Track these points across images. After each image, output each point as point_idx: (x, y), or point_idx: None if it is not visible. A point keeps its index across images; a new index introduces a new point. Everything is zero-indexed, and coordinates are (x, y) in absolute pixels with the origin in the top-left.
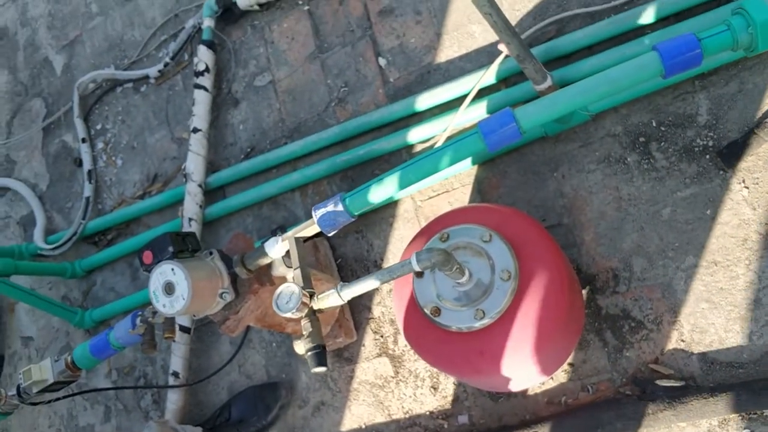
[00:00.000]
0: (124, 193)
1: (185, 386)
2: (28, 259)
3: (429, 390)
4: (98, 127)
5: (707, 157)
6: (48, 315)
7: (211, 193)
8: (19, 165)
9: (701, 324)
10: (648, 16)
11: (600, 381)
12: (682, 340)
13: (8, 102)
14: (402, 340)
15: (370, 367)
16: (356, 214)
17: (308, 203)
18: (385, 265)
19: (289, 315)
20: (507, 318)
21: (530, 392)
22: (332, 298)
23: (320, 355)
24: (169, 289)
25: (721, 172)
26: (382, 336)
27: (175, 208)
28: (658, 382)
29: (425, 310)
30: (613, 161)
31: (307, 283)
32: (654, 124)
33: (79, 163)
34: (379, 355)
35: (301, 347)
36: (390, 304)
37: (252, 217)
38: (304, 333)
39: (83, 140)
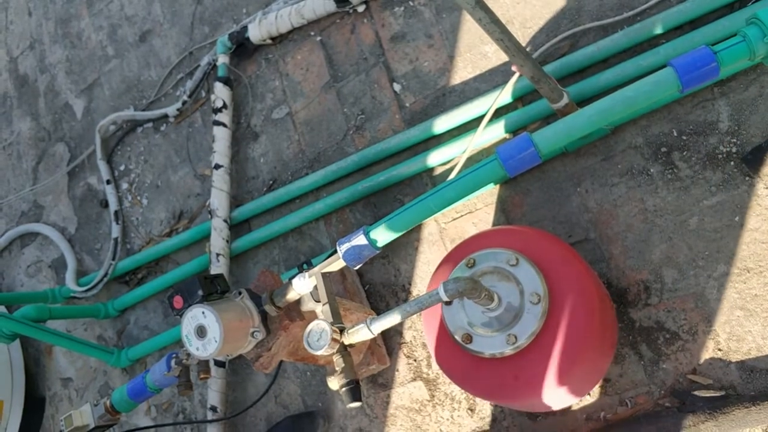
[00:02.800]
0: (151, 232)
1: (224, 420)
2: (62, 302)
3: (466, 412)
4: (122, 168)
5: (732, 163)
6: (85, 356)
7: (236, 227)
8: (47, 209)
9: (737, 332)
10: (661, 25)
11: (638, 394)
12: (719, 350)
13: (33, 148)
14: (435, 363)
15: (405, 392)
16: (381, 246)
17: (332, 231)
18: (413, 288)
19: (320, 353)
20: (540, 341)
21: (569, 409)
22: (362, 333)
23: (354, 390)
24: (201, 332)
25: (747, 178)
26: (415, 360)
27: (202, 244)
28: (697, 392)
29: (456, 338)
30: (636, 173)
31: (336, 318)
32: (675, 134)
33: (105, 204)
34: (414, 380)
35: (334, 383)
36: (421, 328)
37: (278, 249)
38: (336, 369)
39: (108, 182)
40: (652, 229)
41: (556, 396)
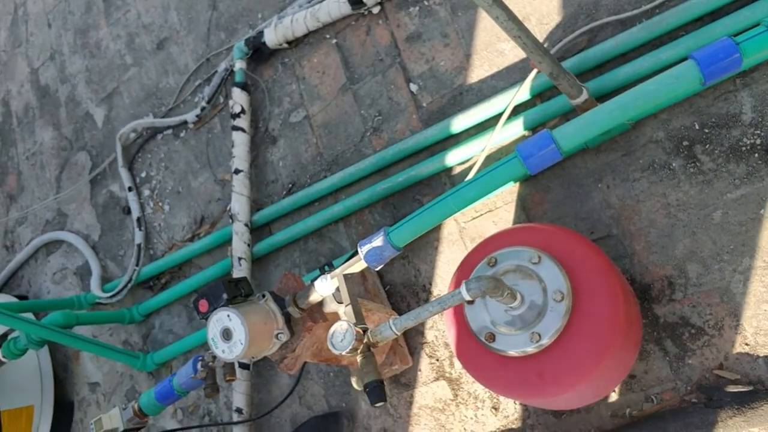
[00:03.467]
0: (173, 237)
1: (249, 421)
2: (88, 308)
3: (490, 411)
4: (143, 175)
5: (756, 155)
6: (112, 360)
7: (257, 231)
8: (70, 218)
9: (765, 326)
10: (680, 18)
11: (664, 390)
12: (746, 344)
13: (55, 157)
14: (458, 362)
15: (428, 392)
16: (401, 246)
17: (352, 233)
18: (434, 289)
19: (344, 353)
20: (564, 339)
21: (593, 406)
22: (385, 333)
23: (379, 389)
24: (226, 335)
25: None
26: (437, 360)
27: (224, 249)
28: (725, 388)
29: (480, 337)
30: (658, 168)
31: (359, 319)
32: (697, 127)
33: (128, 211)
34: (437, 379)
35: (359, 383)
36: (443, 327)
37: (299, 252)
38: (360, 369)
39: (129, 189)
40: (676, 223)
41: (581, 393)
